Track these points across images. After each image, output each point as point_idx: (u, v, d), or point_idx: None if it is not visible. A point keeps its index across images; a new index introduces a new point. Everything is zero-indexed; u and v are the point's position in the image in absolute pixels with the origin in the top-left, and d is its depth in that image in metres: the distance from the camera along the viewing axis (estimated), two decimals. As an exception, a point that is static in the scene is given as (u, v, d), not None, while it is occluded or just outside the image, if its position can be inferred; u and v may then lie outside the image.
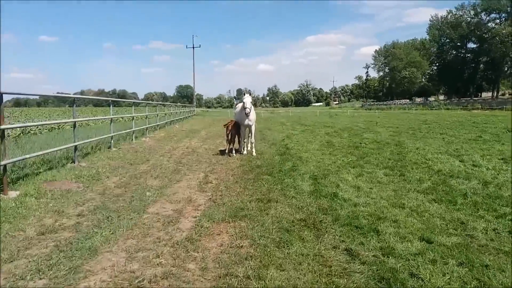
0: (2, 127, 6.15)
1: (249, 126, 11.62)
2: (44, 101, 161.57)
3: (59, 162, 9.06)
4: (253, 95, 11.45)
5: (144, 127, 18.10)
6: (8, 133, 15.21)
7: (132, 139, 15.24)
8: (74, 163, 9.28)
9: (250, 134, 11.92)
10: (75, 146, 9.37)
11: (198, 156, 11.37)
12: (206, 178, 8.04)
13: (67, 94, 9.33)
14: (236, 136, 11.78)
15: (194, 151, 12.65)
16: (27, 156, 7.27)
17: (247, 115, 11.05)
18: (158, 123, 21.43)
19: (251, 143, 11.80)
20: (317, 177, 7.77)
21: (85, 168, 8.77)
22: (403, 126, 24.36)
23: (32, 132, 16.66)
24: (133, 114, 15.96)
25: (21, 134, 15.41)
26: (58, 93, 30.35)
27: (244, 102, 11.10)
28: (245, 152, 11.73)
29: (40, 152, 8.01)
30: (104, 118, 13.89)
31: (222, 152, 12.10)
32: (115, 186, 7.22)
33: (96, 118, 11.77)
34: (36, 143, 11.44)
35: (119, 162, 9.87)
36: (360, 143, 13.94)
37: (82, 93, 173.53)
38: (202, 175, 8.42)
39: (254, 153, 11.52)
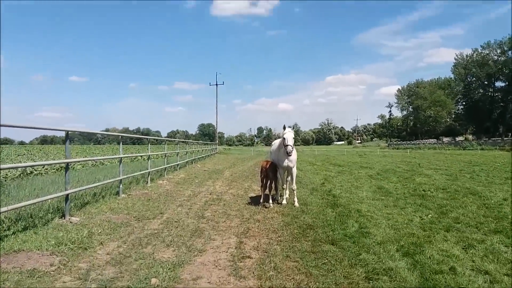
0: None
1: (290, 169, 9.21)
2: (70, 139, 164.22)
3: (43, 217, 6.77)
4: (294, 128, 9.08)
5: (162, 167, 15.93)
6: (6, 175, 13.29)
7: (147, 182, 13.00)
8: (64, 217, 6.99)
9: (290, 179, 9.50)
10: (67, 195, 7.11)
11: (225, 207, 8.94)
12: (240, 246, 5.55)
13: (60, 129, 7.34)
14: (273, 180, 9.37)
15: (220, 198, 10.24)
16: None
17: (288, 154, 8.64)
18: (178, 163, 19.25)
19: (293, 190, 9.34)
20: (408, 250, 5.18)
21: (75, 226, 6.44)
22: (451, 168, 21.42)
23: (35, 172, 14.70)
24: (149, 152, 13.79)
25: (21, 175, 13.43)
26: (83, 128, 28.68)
27: (285, 138, 8.72)
28: (284, 201, 9.24)
29: (13, 206, 5.75)
30: (108, 158, 11.67)
31: (254, 200, 9.67)
32: (107, 261, 4.81)
33: (98, 158, 9.53)
34: (27, 188, 9.31)
35: (124, 217, 7.52)
36: (424, 191, 11.25)
37: (107, 131, 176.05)
38: (234, 240, 5.95)
39: (296, 203, 9.03)
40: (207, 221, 7.30)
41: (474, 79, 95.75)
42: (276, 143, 9.84)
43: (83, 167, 19.61)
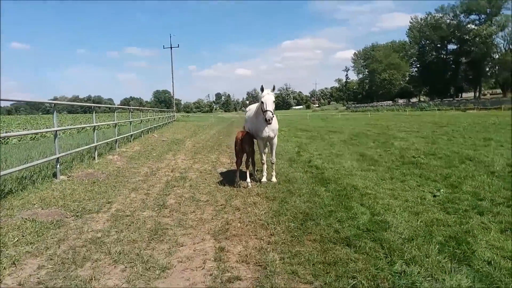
0: None
1: (270, 139, 7.59)
2: (15, 109, 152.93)
3: None
4: (273, 90, 7.30)
5: (113, 139, 13.74)
6: None
7: (94, 158, 10.93)
8: (-31, 218, 5.01)
9: (270, 151, 7.90)
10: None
11: (193, 189, 7.22)
12: (221, 256, 3.90)
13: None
14: (250, 154, 7.68)
15: (184, 177, 8.47)
16: None
17: (268, 121, 6.93)
18: (131, 133, 17.02)
19: (272, 163, 7.77)
20: (454, 251, 3.77)
21: (-21, 234, 4.51)
22: (422, 130, 20.73)
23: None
24: (94, 123, 11.56)
25: None
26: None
27: (263, 103, 6.98)
28: (264, 179, 7.62)
29: None
30: (38, 132, 9.40)
31: (226, 178, 8.04)
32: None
33: (15, 134, 7.33)
34: None
35: (57, 212, 5.60)
36: (414, 157, 10.08)
37: (55, 99, 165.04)
38: (210, 244, 4.29)
39: (274, 179, 7.56)
40: (171, 213, 5.56)
41: (428, 42, 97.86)
42: (251, 108, 8.12)
43: (19, 141, 16.95)
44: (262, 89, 7.16)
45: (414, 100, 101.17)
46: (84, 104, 17.29)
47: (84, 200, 6.30)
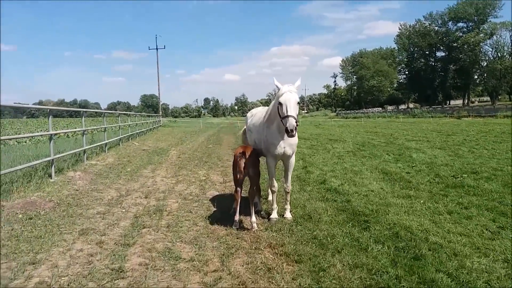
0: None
1: (287, 158, 5.35)
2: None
3: None
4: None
5: (80, 149, 11.28)
6: None
7: (50, 176, 8.53)
8: None
9: (284, 175, 5.65)
10: None
11: (170, 231, 4.92)
12: None
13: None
14: (255, 179, 5.35)
15: (161, 208, 6.14)
16: None
17: (289, 133, 4.58)
18: (106, 141, 14.56)
19: (286, 192, 5.50)
20: None
21: None
22: (432, 139, 18.76)
23: None
24: (50, 131, 9.14)
25: None
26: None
27: (282, 104, 4.70)
28: (274, 214, 5.36)
29: None
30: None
31: (219, 208, 5.81)
32: None
33: None
34: None
35: None
36: (455, 177, 7.99)
37: (40, 103, 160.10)
38: None
39: (288, 214, 5.33)
40: (130, 291, 3.28)
41: (416, 49, 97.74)
42: (256, 114, 5.91)
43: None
44: (279, 86, 4.93)
45: (403, 107, 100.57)
46: (32, 106, 15.51)
47: (-2, 257, 3.97)
